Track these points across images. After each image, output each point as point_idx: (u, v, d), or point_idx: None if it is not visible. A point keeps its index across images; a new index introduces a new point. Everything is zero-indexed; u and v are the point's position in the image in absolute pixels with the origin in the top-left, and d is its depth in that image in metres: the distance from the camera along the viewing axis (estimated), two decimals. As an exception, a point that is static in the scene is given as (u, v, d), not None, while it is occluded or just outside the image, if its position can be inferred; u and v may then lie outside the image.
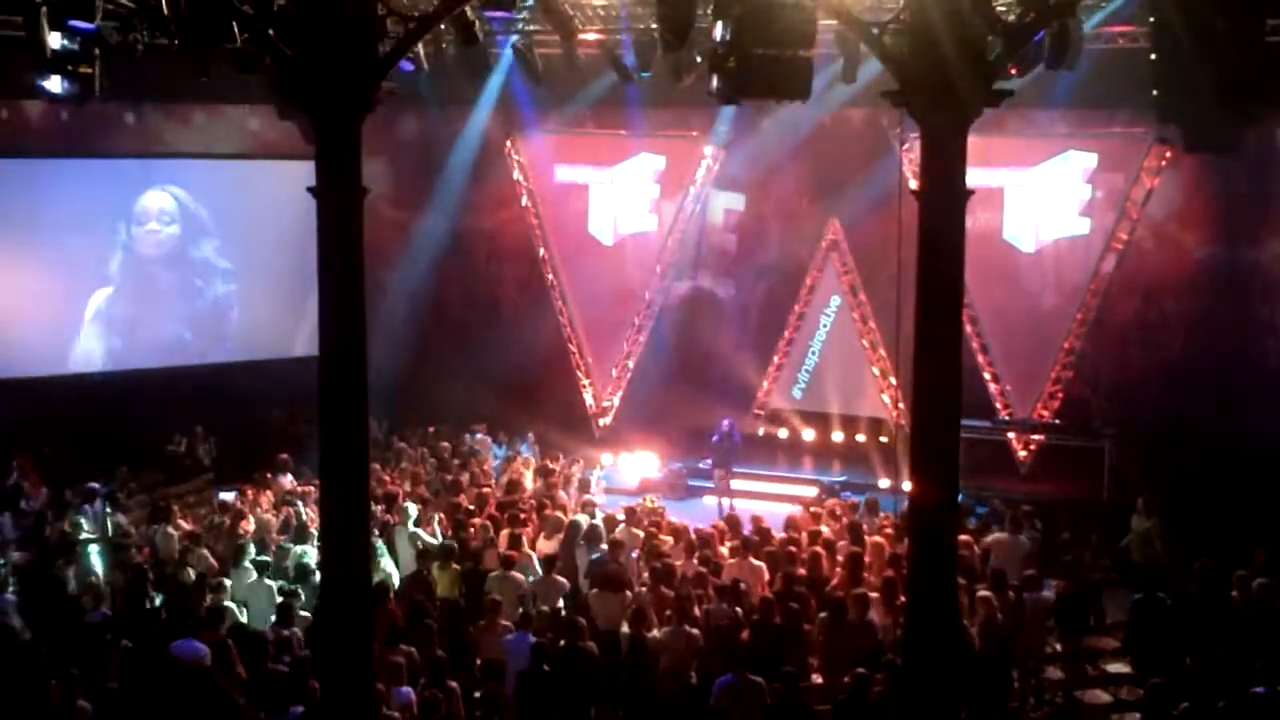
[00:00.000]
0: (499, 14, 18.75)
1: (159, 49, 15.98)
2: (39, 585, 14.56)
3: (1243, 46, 11.77)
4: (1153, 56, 14.68)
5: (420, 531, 16.35)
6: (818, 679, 13.03)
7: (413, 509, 16.92)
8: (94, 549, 15.77)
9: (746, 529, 16.82)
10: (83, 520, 16.69)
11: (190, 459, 21.81)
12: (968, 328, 20.57)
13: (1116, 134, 21.35)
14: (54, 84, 14.40)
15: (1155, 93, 14.71)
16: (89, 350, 22.52)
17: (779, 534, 16.61)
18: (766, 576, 14.84)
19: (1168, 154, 20.89)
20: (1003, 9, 12.31)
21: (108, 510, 17.37)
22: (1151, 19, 13.35)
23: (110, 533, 16.52)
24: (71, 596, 14.41)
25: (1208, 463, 18.71)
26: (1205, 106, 13.46)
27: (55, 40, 13.78)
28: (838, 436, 23.61)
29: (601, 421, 25.35)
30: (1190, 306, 21.16)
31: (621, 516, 17.39)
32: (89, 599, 14.21)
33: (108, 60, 15.01)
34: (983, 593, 13.56)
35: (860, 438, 23.35)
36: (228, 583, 14.23)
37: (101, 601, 14.28)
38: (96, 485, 17.87)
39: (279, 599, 14.00)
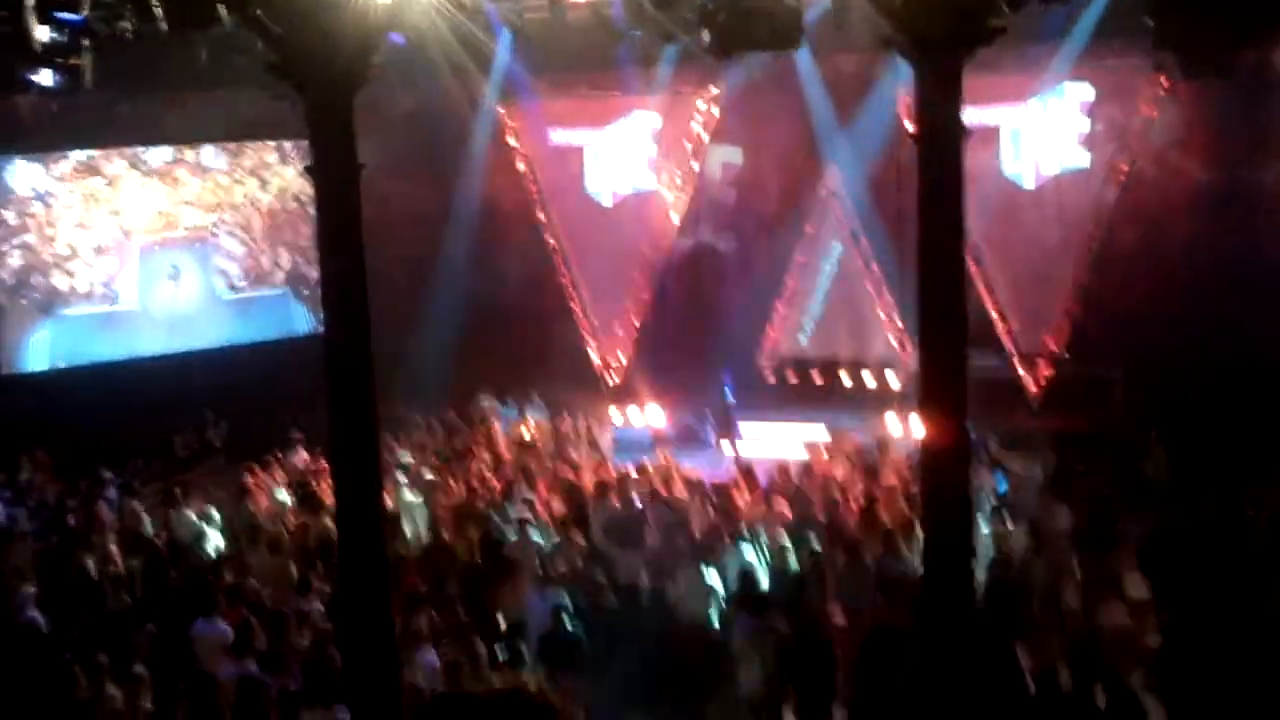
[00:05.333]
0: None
1: (147, 36, 15.98)
2: (60, 575, 14.65)
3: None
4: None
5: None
6: (839, 620, 13.11)
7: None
8: (111, 537, 15.84)
9: (761, 478, 16.92)
10: (99, 508, 16.78)
11: (200, 442, 21.90)
12: (972, 266, 20.50)
13: (1113, 65, 21.19)
14: (44, 77, 14.43)
15: (1150, 20, 14.66)
16: (92, 341, 22.53)
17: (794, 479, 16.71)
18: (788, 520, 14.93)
19: (1165, 82, 20.77)
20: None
21: (123, 498, 17.47)
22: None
23: (126, 520, 16.59)
24: (93, 584, 14.50)
25: (1218, 387, 18.68)
26: (1200, 31, 13.43)
27: (43, 33, 13.79)
28: (846, 380, 23.61)
29: (610, 379, 25.38)
30: (1195, 233, 21.03)
31: (634, 473, 17.49)
32: (110, 586, 14.35)
33: (96, 50, 15.03)
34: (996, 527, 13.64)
35: (869, 380, 23.34)
36: (245, 561, 14.33)
37: (122, 588, 14.39)
38: (110, 474, 17.96)
39: (296, 574, 14.14)
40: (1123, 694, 9.99)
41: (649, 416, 23.49)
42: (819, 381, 23.88)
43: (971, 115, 11.35)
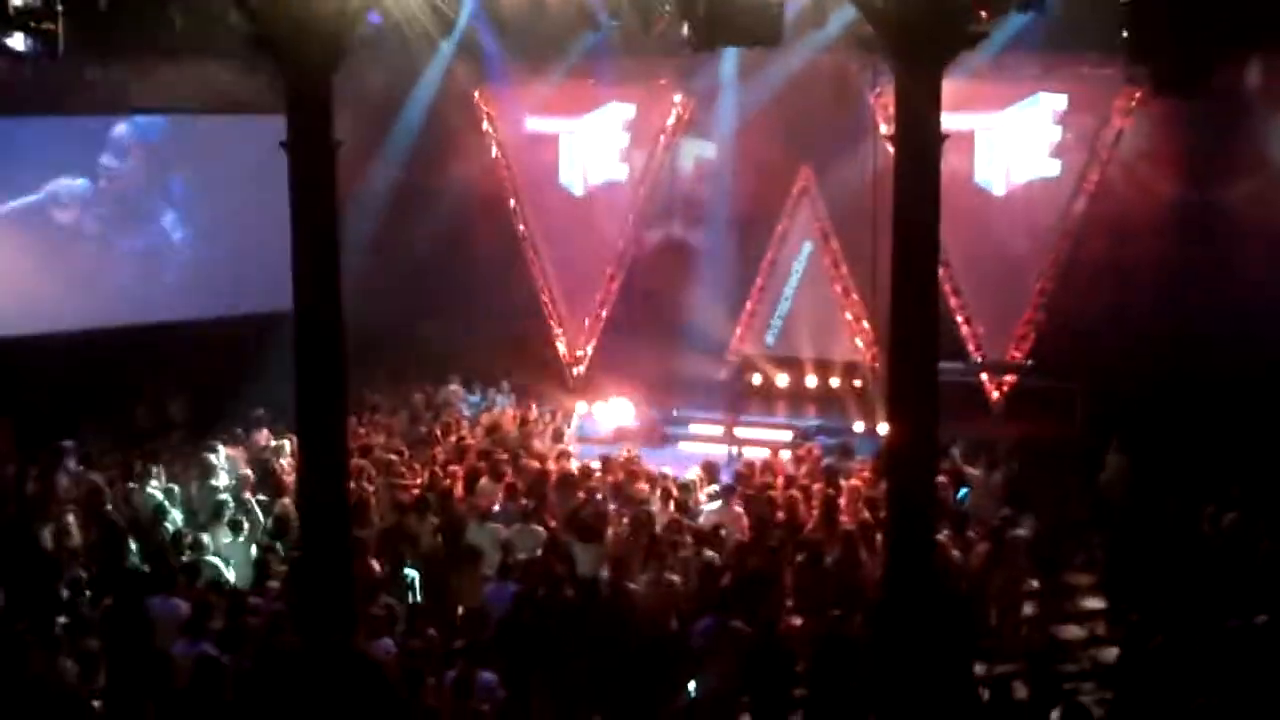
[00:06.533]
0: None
1: (121, 3, 15.83)
2: (15, 546, 14.48)
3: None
4: (1123, -1, 14.69)
5: None
6: (797, 621, 13.12)
7: None
8: (69, 508, 15.68)
9: (724, 474, 16.92)
10: (57, 479, 16.62)
11: (162, 416, 21.72)
12: (940, 270, 20.55)
13: (1086, 75, 21.30)
14: (17, 41, 14.29)
15: (1124, 33, 14.73)
16: (53, 309, 22.22)
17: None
18: (745, 521, 14.92)
19: (1137, 95, 20.89)
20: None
21: (81, 468, 17.29)
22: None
23: (84, 491, 16.42)
24: (49, 556, 14.36)
25: (1180, 401, 18.81)
26: (1174, 48, 13.49)
27: (17, -4, 13.68)
28: (812, 381, 23.64)
29: (575, 371, 25.36)
30: (1161, 247, 21.14)
31: (597, 465, 17.48)
32: (66, 558, 14.21)
33: (69, 15, 14.88)
34: (939, 536, 13.58)
35: (834, 382, 23.41)
36: (205, 538, 14.22)
37: (78, 560, 14.26)
38: (69, 444, 17.78)
39: (255, 553, 14.06)
40: (1076, 708, 10.03)
41: (614, 409, 23.49)
42: (784, 381, 23.91)
43: (947, 120, 11.36)
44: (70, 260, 22.53)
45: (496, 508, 15.38)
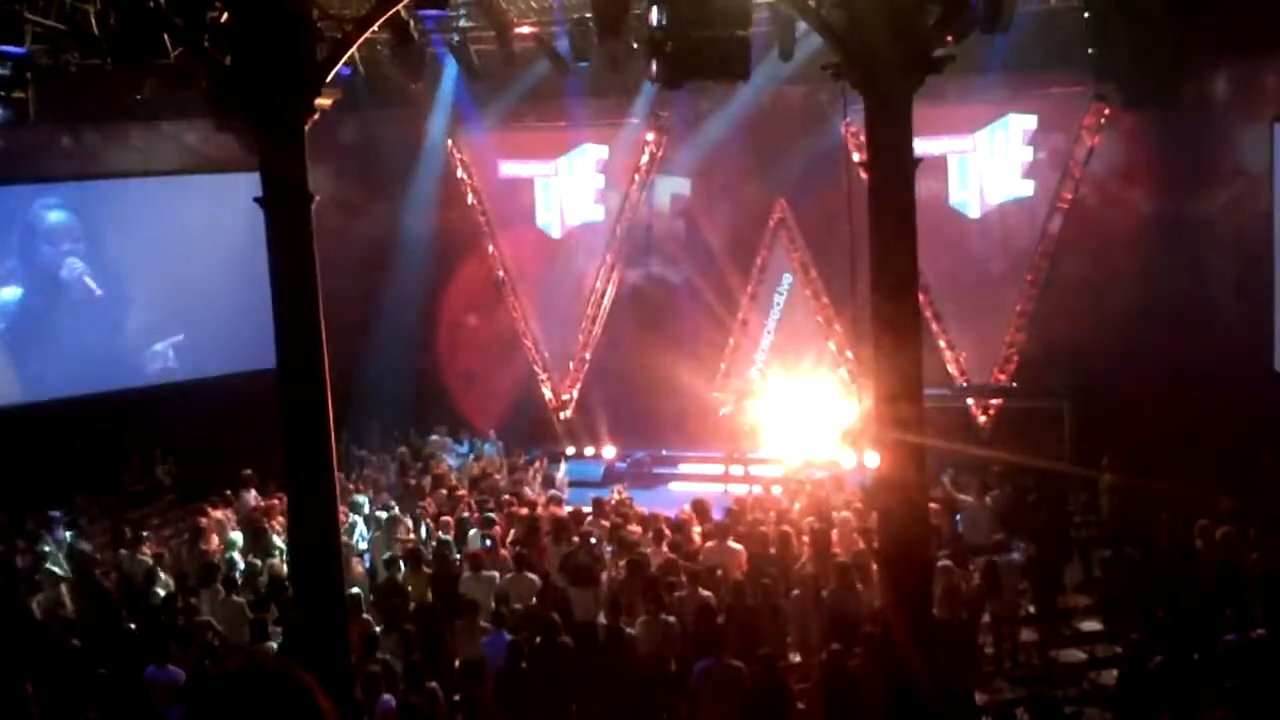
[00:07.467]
0: (433, 12, 18.64)
1: (91, 69, 15.84)
2: (6, 617, 14.35)
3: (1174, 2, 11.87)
4: (1086, 15, 14.74)
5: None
6: (795, 657, 13.05)
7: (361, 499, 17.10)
8: (59, 576, 15.56)
9: (716, 513, 16.86)
10: (45, 549, 16.51)
11: (149, 481, 21.61)
12: (920, 296, 20.54)
13: (1054, 94, 21.43)
14: (-13, 109, 14.28)
15: (1091, 51, 14.79)
16: (38, 377, 22.16)
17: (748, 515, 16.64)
18: (744, 557, 14.85)
19: (1106, 111, 20.98)
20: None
21: (70, 537, 17.19)
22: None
23: (74, 560, 16.32)
24: (41, 625, 14.22)
25: (1165, 416, 18.81)
26: (1141, 63, 13.53)
27: (-14, 66, 13.67)
28: (798, 414, 23.59)
29: (562, 415, 25.28)
30: (1138, 261, 21.22)
31: (589, 509, 17.40)
32: (58, 627, 14.07)
33: (39, 81, 14.88)
34: (943, 562, 13.55)
35: (821, 413, 23.36)
36: (196, 602, 14.11)
37: (70, 629, 14.12)
38: (57, 513, 17.67)
39: (250, 615, 13.93)
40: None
41: (602, 451, 23.45)
42: (771, 415, 23.85)
43: (918, 145, 11.39)
44: (52, 327, 22.48)
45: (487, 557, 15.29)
